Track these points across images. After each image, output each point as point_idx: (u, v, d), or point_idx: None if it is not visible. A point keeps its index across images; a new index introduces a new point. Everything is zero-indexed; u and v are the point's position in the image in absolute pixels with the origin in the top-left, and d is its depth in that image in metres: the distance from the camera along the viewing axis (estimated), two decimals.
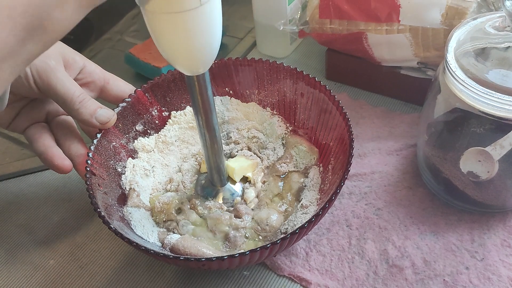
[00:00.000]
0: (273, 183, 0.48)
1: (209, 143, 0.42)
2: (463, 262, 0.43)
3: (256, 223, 0.44)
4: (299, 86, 0.49)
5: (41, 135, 0.45)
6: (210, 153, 0.43)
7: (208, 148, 0.42)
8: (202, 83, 0.38)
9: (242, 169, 0.47)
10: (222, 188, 0.46)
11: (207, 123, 0.41)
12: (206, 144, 0.42)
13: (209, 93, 0.39)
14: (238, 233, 0.44)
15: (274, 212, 0.45)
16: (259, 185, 0.48)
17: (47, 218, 0.51)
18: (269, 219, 0.44)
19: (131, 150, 0.48)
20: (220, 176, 0.45)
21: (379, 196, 0.48)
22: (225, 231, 0.44)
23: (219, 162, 0.44)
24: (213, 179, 0.46)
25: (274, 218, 0.44)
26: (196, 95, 0.39)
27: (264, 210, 0.45)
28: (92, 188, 0.41)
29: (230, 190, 0.47)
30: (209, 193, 0.46)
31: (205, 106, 0.39)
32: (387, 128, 0.55)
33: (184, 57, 0.35)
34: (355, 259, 0.44)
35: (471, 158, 0.42)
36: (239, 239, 0.43)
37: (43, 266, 0.47)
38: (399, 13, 0.51)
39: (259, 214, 0.45)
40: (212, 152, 0.43)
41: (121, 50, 0.69)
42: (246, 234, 0.44)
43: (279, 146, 0.50)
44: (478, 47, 0.41)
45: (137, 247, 0.38)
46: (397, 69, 0.56)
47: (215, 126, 0.41)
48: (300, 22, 0.58)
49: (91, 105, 0.44)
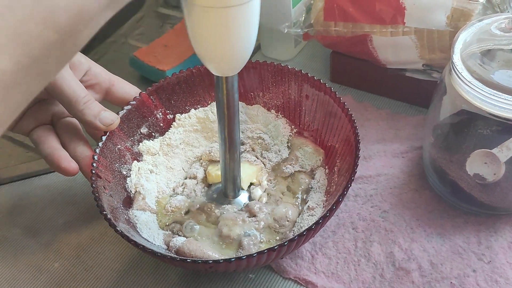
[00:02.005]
0: (281, 183, 0.48)
1: (229, 150, 0.41)
2: (470, 265, 0.43)
3: (274, 220, 0.44)
4: (304, 88, 0.49)
5: (47, 137, 0.45)
6: (229, 162, 0.42)
7: (227, 157, 0.41)
8: (230, 86, 0.37)
9: (248, 176, 0.47)
10: (234, 200, 0.46)
11: (230, 129, 0.39)
12: (226, 151, 0.41)
13: (236, 96, 0.38)
14: (252, 241, 0.43)
15: (290, 206, 0.45)
16: (264, 183, 0.47)
17: (52, 220, 0.51)
18: (288, 214, 0.44)
19: (136, 153, 0.48)
20: (234, 187, 0.45)
21: (385, 199, 0.48)
22: (238, 235, 0.43)
23: (236, 173, 0.43)
24: (226, 189, 0.45)
25: (291, 212, 0.44)
26: (223, 97, 0.38)
27: (281, 205, 0.45)
28: (97, 190, 0.41)
29: (239, 203, 0.46)
30: (221, 202, 0.46)
31: (230, 110, 0.38)
32: (392, 130, 0.55)
33: (218, 56, 0.34)
34: (361, 261, 0.44)
35: (478, 160, 0.42)
36: (253, 248, 0.42)
37: (48, 269, 0.47)
38: (404, 15, 0.51)
39: (277, 210, 0.44)
40: (231, 161, 0.42)
41: (126, 53, 0.70)
42: (261, 240, 0.43)
43: (284, 148, 0.50)
44: (484, 48, 0.41)
45: (143, 250, 0.38)
46: (402, 71, 0.56)
47: (237, 133, 0.40)
48: (304, 25, 0.58)
49: (95, 107, 0.44)
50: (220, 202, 0.46)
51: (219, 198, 0.46)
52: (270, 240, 0.44)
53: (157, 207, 0.47)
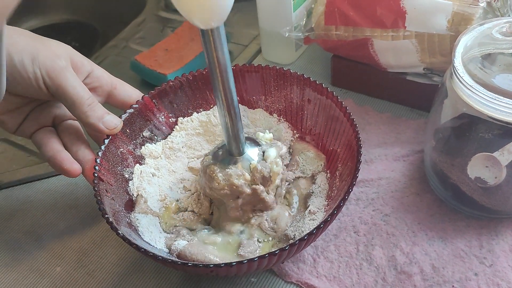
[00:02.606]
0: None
1: (226, 107, 0.40)
2: (472, 269, 0.43)
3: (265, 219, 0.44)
4: (306, 92, 0.49)
5: (49, 140, 0.45)
6: (229, 119, 0.40)
7: (226, 114, 0.40)
8: (217, 39, 0.36)
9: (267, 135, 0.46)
10: (241, 157, 0.43)
11: (224, 84, 0.38)
12: (224, 109, 0.40)
13: (225, 50, 0.37)
14: (251, 240, 0.43)
15: (285, 211, 0.45)
16: (284, 149, 0.46)
17: (54, 224, 0.51)
18: (278, 219, 0.43)
19: (138, 156, 0.48)
20: (238, 145, 0.42)
21: (386, 202, 0.48)
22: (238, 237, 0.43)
23: (237, 130, 0.41)
24: (231, 148, 0.43)
25: (284, 219, 0.44)
26: (212, 52, 0.37)
27: (277, 207, 0.45)
28: (100, 194, 0.41)
29: (248, 159, 0.43)
30: (227, 163, 0.43)
31: (221, 65, 0.37)
32: (394, 134, 0.55)
33: (200, 4, 0.34)
34: (363, 265, 0.44)
35: (479, 163, 0.42)
36: (253, 245, 0.43)
37: (50, 273, 0.47)
38: (405, 19, 0.51)
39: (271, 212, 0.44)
40: (230, 118, 0.40)
41: (127, 57, 0.70)
42: (258, 239, 0.44)
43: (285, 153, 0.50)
44: (485, 52, 0.42)
45: (145, 254, 0.38)
46: (403, 75, 0.56)
47: (233, 89, 0.39)
48: (305, 29, 0.59)
49: (99, 109, 0.44)
50: (226, 162, 0.43)
51: (225, 157, 0.44)
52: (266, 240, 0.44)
53: (164, 211, 0.46)
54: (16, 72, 0.41)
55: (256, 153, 0.44)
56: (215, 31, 0.36)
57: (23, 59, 0.41)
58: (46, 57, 0.42)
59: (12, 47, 0.41)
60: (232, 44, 0.70)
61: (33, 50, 0.42)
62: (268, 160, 0.43)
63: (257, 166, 0.43)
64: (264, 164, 0.43)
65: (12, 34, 0.42)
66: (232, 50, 0.69)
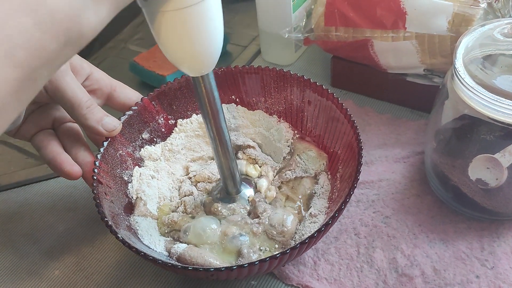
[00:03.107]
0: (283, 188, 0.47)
1: (220, 148, 0.41)
2: (473, 271, 0.43)
3: (270, 226, 0.43)
4: (306, 94, 0.48)
5: (49, 142, 0.45)
6: (223, 159, 0.42)
7: (219, 155, 0.41)
8: (207, 84, 0.37)
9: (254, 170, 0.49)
10: (238, 196, 0.46)
11: (216, 125, 0.40)
12: (217, 149, 0.41)
13: (216, 94, 0.38)
14: (252, 249, 0.42)
15: (289, 213, 0.44)
16: (271, 175, 0.48)
17: (52, 227, 0.51)
18: (285, 221, 0.43)
19: (137, 159, 0.48)
20: (234, 183, 0.45)
21: (387, 204, 0.48)
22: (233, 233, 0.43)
23: (232, 168, 0.43)
24: (227, 187, 0.45)
25: (290, 220, 0.43)
26: (203, 96, 0.38)
27: (279, 210, 0.45)
28: (99, 197, 0.41)
29: (245, 196, 0.46)
30: (227, 202, 0.46)
31: (212, 108, 0.39)
32: (394, 135, 0.55)
33: (188, 56, 0.35)
34: (364, 268, 0.44)
35: (480, 165, 0.42)
36: (253, 256, 0.42)
37: (48, 277, 0.46)
38: (405, 20, 0.51)
39: (274, 216, 0.44)
40: (224, 158, 0.42)
41: (126, 59, 0.69)
42: (260, 248, 0.43)
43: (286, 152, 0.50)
44: (486, 53, 0.41)
45: (144, 257, 0.37)
46: (403, 76, 0.56)
47: (225, 130, 0.40)
48: (305, 30, 0.58)
49: (98, 112, 0.44)
50: (226, 201, 0.45)
51: (223, 197, 0.46)
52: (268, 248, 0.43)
53: (158, 213, 0.46)
54: None
55: (251, 191, 0.47)
56: (205, 77, 0.37)
57: None
58: None
59: None
60: (231, 45, 0.70)
61: None
62: (262, 189, 0.46)
63: (254, 198, 0.46)
64: (259, 195, 0.46)
65: None
66: (231, 51, 0.69)
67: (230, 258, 0.43)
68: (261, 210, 0.44)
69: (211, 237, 0.43)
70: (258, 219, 0.44)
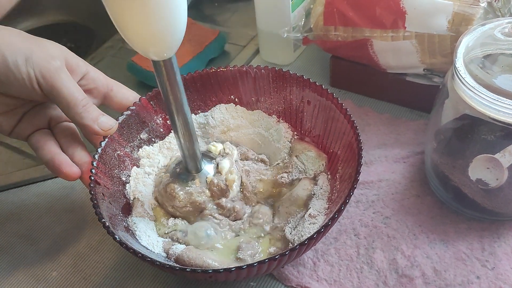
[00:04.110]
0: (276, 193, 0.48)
1: (182, 130, 0.40)
2: (474, 271, 0.42)
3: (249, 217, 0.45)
4: (305, 93, 0.48)
5: (46, 142, 0.44)
6: (183, 140, 0.41)
7: (181, 135, 0.41)
8: (169, 68, 0.37)
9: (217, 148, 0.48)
10: (198, 174, 0.45)
11: (178, 109, 0.39)
12: (179, 131, 0.41)
13: (178, 77, 0.38)
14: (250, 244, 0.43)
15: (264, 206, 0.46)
16: (235, 153, 0.47)
17: (50, 228, 0.50)
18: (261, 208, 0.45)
19: (135, 159, 0.48)
20: (196, 163, 0.44)
21: (386, 204, 0.48)
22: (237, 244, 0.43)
23: (194, 149, 0.42)
24: (188, 166, 0.44)
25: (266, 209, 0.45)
26: (164, 80, 0.37)
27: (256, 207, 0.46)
28: (96, 197, 0.40)
29: (205, 174, 0.45)
30: (186, 180, 0.44)
31: (174, 91, 0.38)
32: (393, 135, 0.54)
33: (149, 41, 0.34)
34: (364, 269, 0.43)
35: (480, 165, 0.42)
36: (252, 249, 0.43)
37: (46, 278, 0.46)
38: (405, 19, 0.50)
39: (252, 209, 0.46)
40: (185, 139, 0.41)
41: (123, 58, 0.69)
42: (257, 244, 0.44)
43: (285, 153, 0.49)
44: (487, 53, 0.41)
45: (142, 258, 0.37)
46: (402, 75, 0.55)
47: (187, 112, 0.40)
48: (304, 29, 0.58)
49: (93, 110, 0.43)
50: (184, 179, 0.44)
51: (183, 174, 0.45)
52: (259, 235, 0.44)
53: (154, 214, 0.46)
54: (9, 73, 0.41)
55: (212, 168, 0.45)
56: (167, 60, 0.36)
57: (17, 60, 0.40)
58: (40, 58, 0.41)
59: (6, 48, 0.40)
60: (229, 45, 0.70)
61: (27, 51, 0.41)
62: (223, 171, 0.45)
63: (213, 179, 0.44)
64: (219, 177, 0.44)
65: (6, 34, 0.42)
66: (229, 50, 0.69)
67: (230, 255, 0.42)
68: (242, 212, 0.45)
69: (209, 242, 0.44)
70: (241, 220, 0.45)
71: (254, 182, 0.47)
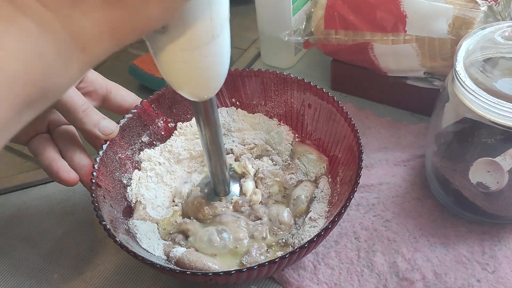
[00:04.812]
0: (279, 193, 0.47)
1: (214, 159, 0.41)
2: (474, 275, 0.42)
3: (269, 220, 0.44)
4: (306, 97, 0.48)
5: (45, 148, 0.44)
6: (214, 169, 0.42)
7: (213, 164, 0.42)
8: (208, 107, 0.37)
9: None
10: (225, 197, 0.46)
11: (212, 141, 0.40)
12: (212, 159, 0.41)
13: (216, 115, 0.38)
14: (259, 251, 0.42)
15: (283, 207, 0.45)
16: (252, 171, 0.48)
17: (51, 231, 0.50)
18: (280, 216, 0.44)
19: (136, 162, 0.48)
20: (224, 187, 0.45)
21: (387, 208, 0.48)
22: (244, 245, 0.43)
23: (224, 175, 0.43)
24: (216, 189, 0.45)
25: (285, 214, 0.44)
26: (202, 118, 0.38)
27: (274, 206, 0.45)
28: (97, 200, 0.40)
29: (231, 196, 0.46)
30: (212, 199, 0.46)
31: (211, 127, 0.39)
32: (394, 138, 0.54)
33: (192, 86, 0.34)
34: (364, 272, 0.43)
35: (481, 168, 0.42)
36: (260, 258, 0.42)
37: (47, 281, 0.46)
38: (406, 23, 0.50)
39: (270, 211, 0.45)
40: (217, 168, 0.42)
41: (125, 62, 0.69)
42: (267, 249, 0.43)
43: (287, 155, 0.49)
44: (487, 56, 0.41)
45: (143, 261, 0.37)
46: (403, 79, 0.56)
47: (221, 143, 0.41)
48: (305, 33, 0.58)
49: (94, 115, 0.43)
50: (211, 199, 0.45)
51: (211, 194, 0.46)
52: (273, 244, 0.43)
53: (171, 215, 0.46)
54: None
55: (237, 188, 0.47)
56: (208, 100, 0.36)
57: None
58: None
59: None
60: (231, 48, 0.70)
61: None
62: (248, 193, 0.46)
63: (238, 200, 0.45)
64: (244, 198, 0.46)
65: None
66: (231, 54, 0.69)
67: (235, 260, 0.42)
68: (262, 213, 0.45)
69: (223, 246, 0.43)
70: (260, 220, 0.44)
71: (269, 188, 0.47)
